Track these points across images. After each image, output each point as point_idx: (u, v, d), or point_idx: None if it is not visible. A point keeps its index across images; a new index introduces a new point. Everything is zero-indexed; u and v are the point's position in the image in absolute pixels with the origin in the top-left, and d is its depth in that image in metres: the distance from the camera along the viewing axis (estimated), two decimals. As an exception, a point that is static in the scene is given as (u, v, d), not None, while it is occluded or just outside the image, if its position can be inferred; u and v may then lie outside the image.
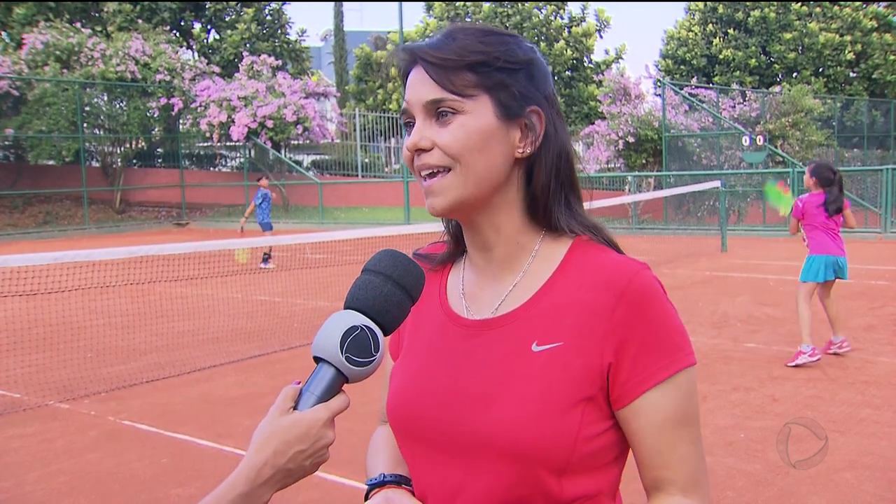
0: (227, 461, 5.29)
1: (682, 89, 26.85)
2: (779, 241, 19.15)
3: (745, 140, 22.55)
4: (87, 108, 29.57)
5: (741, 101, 27.14)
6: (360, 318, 1.14)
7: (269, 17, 36.16)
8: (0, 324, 8.99)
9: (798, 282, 7.75)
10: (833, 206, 7.54)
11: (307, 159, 35.07)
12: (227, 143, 31.49)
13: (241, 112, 28.88)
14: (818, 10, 33.39)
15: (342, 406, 1.15)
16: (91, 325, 9.67)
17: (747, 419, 5.82)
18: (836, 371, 7.07)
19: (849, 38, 32.80)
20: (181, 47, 34.09)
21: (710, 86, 29.53)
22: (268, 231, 15.95)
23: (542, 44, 35.14)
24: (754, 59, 33.34)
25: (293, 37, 37.19)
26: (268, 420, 1.14)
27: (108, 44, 29.77)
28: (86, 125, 29.65)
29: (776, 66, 33.85)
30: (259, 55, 32.01)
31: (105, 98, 30.60)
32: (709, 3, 34.29)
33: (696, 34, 34.35)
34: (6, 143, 30.65)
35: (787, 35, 32.88)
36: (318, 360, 1.16)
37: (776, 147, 23.79)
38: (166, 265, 12.53)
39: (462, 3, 36.13)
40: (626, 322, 1.18)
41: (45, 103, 28.22)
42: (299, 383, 1.18)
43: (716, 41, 33.90)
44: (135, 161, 33.40)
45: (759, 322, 9.31)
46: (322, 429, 1.12)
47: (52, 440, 5.85)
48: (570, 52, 34.65)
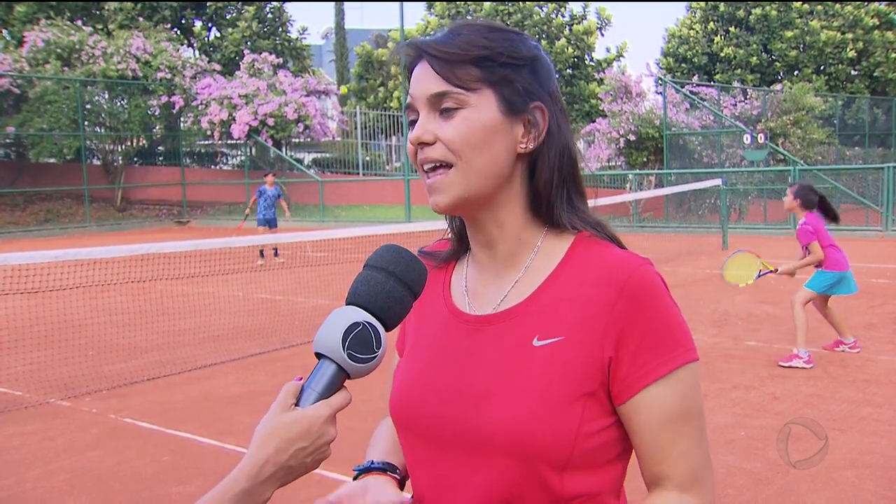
0: (229, 459, 5.29)
1: (683, 87, 26.86)
2: (780, 240, 19.10)
3: (747, 138, 22.53)
4: (89, 106, 29.58)
5: (742, 99, 27.15)
6: (362, 315, 1.14)
7: (270, 15, 36.14)
8: (1, 321, 9.00)
9: (803, 287, 7.62)
10: (834, 216, 7.48)
11: (308, 157, 35.08)
12: (228, 141, 31.53)
13: (242, 110, 28.90)
14: (819, 7, 33.42)
15: (344, 402, 1.15)
16: (92, 322, 9.67)
17: (748, 417, 5.82)
18: (836, 369, 7.07)
19: (850, 35, 32.80)
20: (182, 45, 34.07)
21: (712, 84, 29.54)
22: (272, 228, 16.44)
23: (543, 42, 35.10)
24: (755, 57, 33.34)
25: (294, 35, 37.19)
26: (269, 417, 1.13)
27: (109, 42, 29.78)
28: (87, 123, 29.65)
29: (777, 63, 33.85)
30: (260, 53, 32.03)
31: (106, 96, 30.62)
32: (710, 1, 34.28)
33: (697, 32, 34.36)
34: (7, 140, 30.67)
35: (789, 33, 32.89)
36: (319, 356, 1.15)
37: (777, 145, 23.80)
38: (167, 263, 12.55)
39: (463, 1, 36.10)
40: (626, 317, 1.18)
41: (47, 101, 28.25)
42: (301, 379, 1.17)
43: (717, 39, 33.90)
44: (136, 159, 33.42)
45: (760, 320, 9.31)
46: (324, 425, 1.12)
47: (53, 438, 5.85)
48: (571, 49, 34.64)
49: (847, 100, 32.34)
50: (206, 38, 36.33)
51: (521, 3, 34.93)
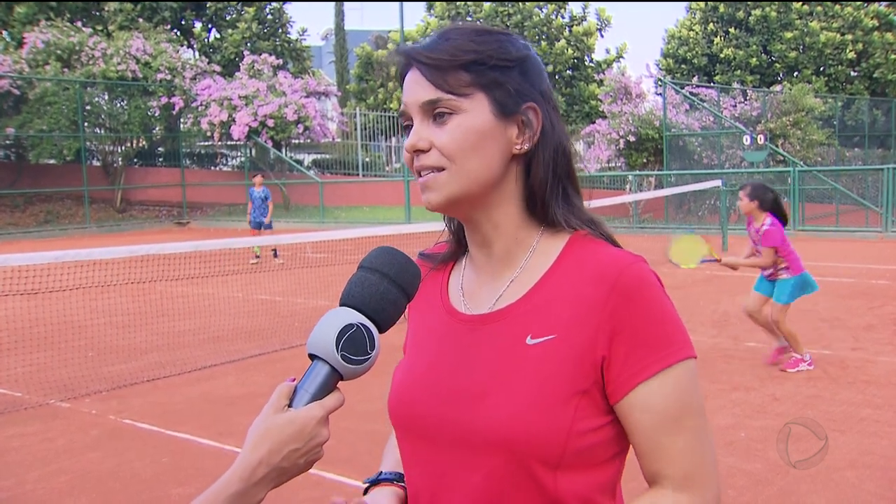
0: (228, 460, 5.26)
1: (682, 88, 26.88)
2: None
3: (746, 139, 22.56)
4: (88, 107, 29.57)
5: (742, 100, 27.18)
6: (356, 316, 1.14)
7: (269, 17, 36.15)
8: (1, 323, 9.00)
9: (775, 304, 7.25)
10: (786, 218, 7.21)
11: (308, 158, 35.08)
12: (228, 143, 31.50)
13: (241, 111, 28.89)
14: (819, 8, 33.48)
15: (337, 404, 1.15)
16: (92, 324, 9.68)
17: (748, 418, 5.82)
18: (836, 370, 7.07)
19: (850, 37, 32.86)
20: (182, 46, 34.08)
21: (711, 85, 29.58)
22: (261, 230, 16.57)
23: (542, 43, 35.15)
24: (755, 58, 33.39)
25: (294, 36, 37.18)
26: (262, 418, 1.13)
27: (108, 43, 29.78)
28: (87, 124, 29.63)
29: (777, 65, 33.91)
30: (260, 54, 32.00)
31: (106, 97, 30.60)
32: (710, 2, 34.36)
33: (697, 33, 34.40)
34: (7, 142, 30.67)
35: (789, 34, 32.93)
36: (312, 357, 1.16)
37: (777, 146, 23.82)
38: (167, 264, 12.53)
39: (463, 2, 36.14)
40: (619, 314, 1.17)
41: (46, 102, 28.23)
42: (294, 380, 1.18)
43: (717, 40, 33.94)
44: (136, 160, 33.41)
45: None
46: (317, 427, 1.12)
47: (52, 439, 5.87)
48: (570, 51, 34.68)
49: (847, 101, 32.39)
50: (205, 40, 36.33)
51: (520, 3, 34.96)
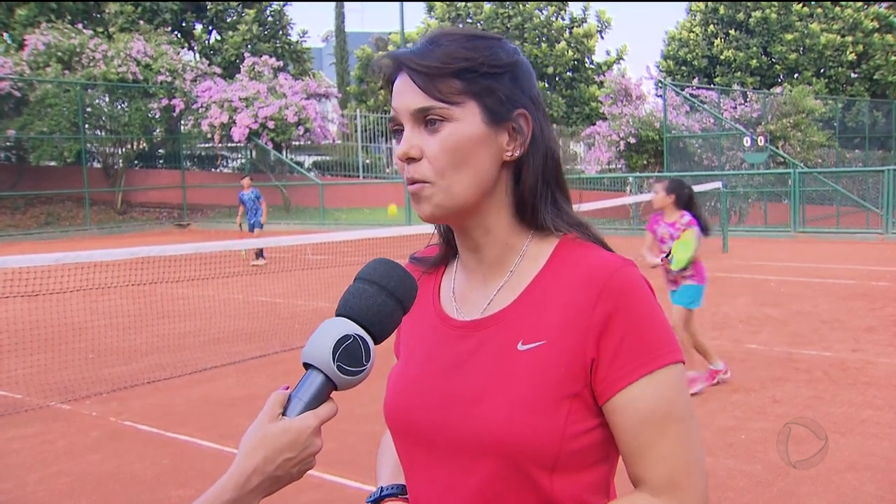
0: (229, 462, 5.14)
1: (683, 90, 26.92)
2: (780, 242, 19.18)
3: (747, 141, 22.60)
4: (89, 109, 29.61)
5: (742, 101, 27.25)
6: (352, 327, 1.15)
7: (270, 19, 36.21)
8: (2, 325, 9.00)
9: (678, 308, 6.95)
10: (707, 228, 6.92)
11: (308, 160, 35.11)
12: (229, 144, 31.53)
13: (242, 113, 28.92)
14: (819, 10, 33.53)
15: (330, 414, 1.15)
16: (92, 326, 9.69)
17: (748, 420, 5.83)
18: (837, 372, 7.08)
19: (850, 38, 32.91)
20: (182, 48, 34.13)
21: (712, 87, 29.63)
22: (252, 231, 16.83)
23: (543, 44, 35.19)
24: (755, 60, 33.43)
25: (294, 38, 37.25)
26: (257, 426, 1.13)
27: (109, 45, 29.83)
28: (87, 126, 29.68)
29: (777, 66, 33.95)
30: (260, 56, 32.05)
31: (106, 99, 30.65)
32: (710, 3, 34.37)
33: (697, 35, 34.44)
34: (8, 144, 30.72)
35: (789, 36, 32.98)
36: (307, 366, 1.16)
37: (777, 148, 23.88)
38: (167, 266, 12.48)
39: (463, 3, 36.16)
40: (607, 318, 1.18)
41: (47, 104, 28.27)
42: (287, 388, 1.18)
43: (717, 42, 33.98)
44: (136, 162, 33.48)
45: (760, 323, 9.31)
46: (311, 437, 1.13)
47: (53, 441, 5.88)
48: (571, 52, 34.72)
49: (847, 102, 32.44)
50: (206, 42, 36.39)
51: (521, 5, 34.99)
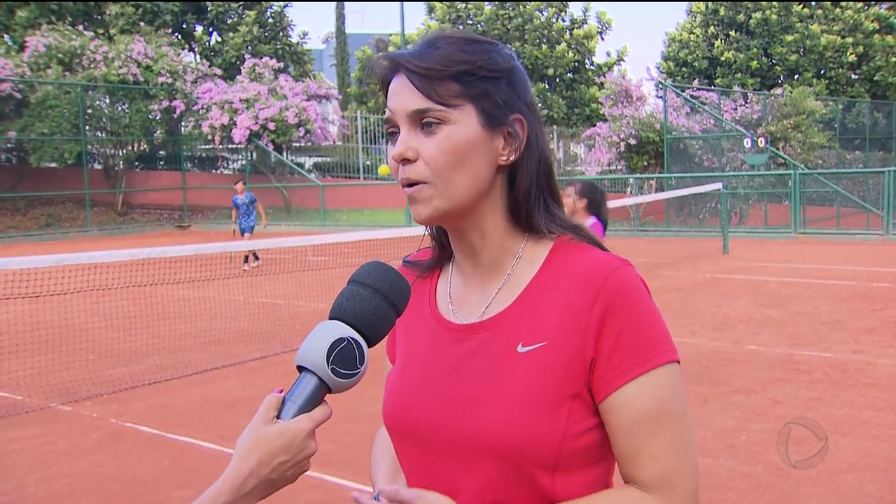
0: (228, 463, 5.29)
1: (683, 91, 26.95)
2: (780, 243, 19.20)
3: (747, 142, 22.63)
4: (90, 111, 29.67)
5: (743, 103, 27.31)
6: (346, 330, 1.15)
7: (270, 20, 36.25)
8: (2, 326, 9.02)
9: None
10: (606, 224, 6.38)
11: (309, 161, 35.17)
12: (229, 146, 31.59)
13: (242, 114, 28.97)
14: (820, 11, 33.58)
15: (324, 417, 1.15)
16: (93, 327, 9.70)
17: (748, 421, 5.84)
18: (837, 374, 7.08)
19: (850, 40, 32.94)
20: (183, 50, 34.19)
21: (712, 88, 29.67)
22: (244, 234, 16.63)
23: (543, 46, 35.21)
24: (756, 61, 33.48)
25: (295, 39, 37.28)
26: (251, 429, 1.14)
27: (110, 46, 29.90)
28: (88, 128, 29.74)
29: (778, 67, 34.00)
30: (261, 57, 32.10)
31: (107, 100, 30.74)
32: (710, 5, 34.42)
33: (697, 36, 34.47)
34: (9, 145, 30.82)
35: (789, 37, 33.02)
36: (301, 369, 1.16)
37: (778, 149, 23.91)
38: (168, 267, 12.47)
39: (464, 5, 36.19)
40: (605, 317, 1.19)
41: (48, 106, 28.35)
42: (281, 391, 1.18)
43: (717, 43, 34.01)
44: (137, 163, 33.54)
45: (761, 324, 9.33)
46: (306, 440, 1.13)
47: (53, 442, 5.89)
48: (571, 54, 34.77)
49: (847, 104, 32.46)
50: (207, 43, 36.44)
51: (521, 6, 35.03)
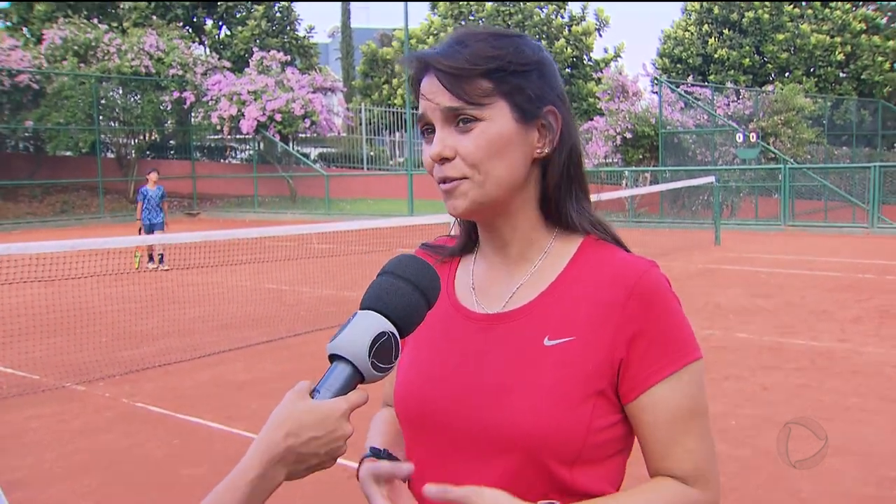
0: (236, 443, 5.42)
1: (678, 87, 27.16)
2: (770, 235, 19.29)
3: (739, 137, 22.76)
4: (103, 102, 29.89)
5: (735, 99, 27.56)
6: (387, 325, 1.12)
7: (278, 14, 36.33)
8: (20, 308, 9.11)
9: None
10: None
11: (314, 152, 35.19)
12: (237, 136, 31.66)
13: (250, 106, 29.11)
14: (810, 11, 33.64)
15: (361, 401, 1.12)
16: (106, 310, 9.75)
17: (738, 407, 5.92)
18: (824, 361, 7.19)
19: (839, 39, 33.03)
20: (193, 43, 34.34)
21: (706, 84, 29.72)
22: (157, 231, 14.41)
23: (542, 42, 35.02)
24: (748, 59, 33.58)
25: (302, 33, 37.36)
26: (283, 404, 1.10)
27: (123, 39, 30.12)
28: (101, 118, 30.00)
29: (769, 65, 34.09)
30: (268, 51, 32.23)
31: (120, 91, 30.99)
32: (704, 3, 34.46)
33: (692, 34, 34.55)
34: (26, 134, 31.17)
35: (780, 36, 33.12)
36: (333, 357, 1.13)
37: (769, 144, 24.08)
38: (178, 253, 12.68)
39: (465, 1, 36.17)
40: (637, 318, 1.19)
41: (63, 96, 28.66)
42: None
43: (711, 41, 34.10)
44: (148, 152, 33.72)
45: (751, 313, 9.41)
46: (340, 420, 1.09)
47: (68, 420, 6.00)
48: (570, 50, 34.77)
49: (835, 101, 32.54)
50: (216, 36, 36.55)
51: (521, 3, 35.00)
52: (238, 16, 35.90)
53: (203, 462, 5.10)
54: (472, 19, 35.65)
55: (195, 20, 35.93)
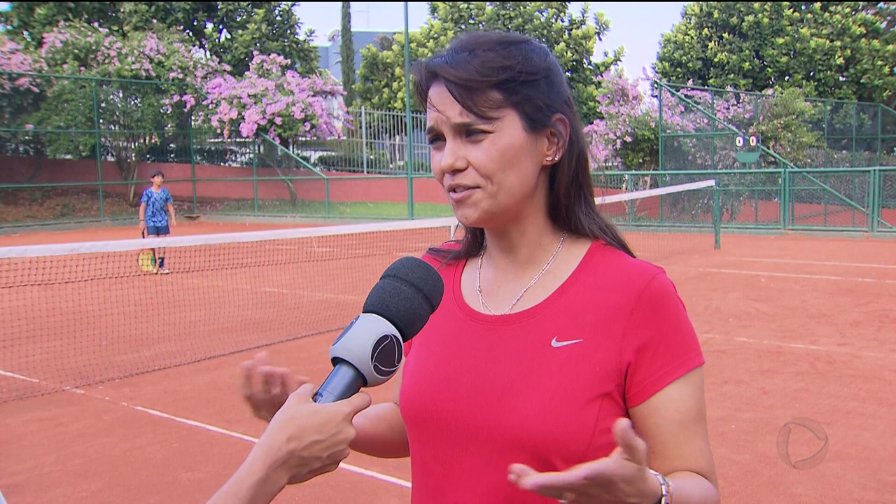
0: (236, 447, 5.42)
1: (678, 91, 27.23)
2: (769, 239, 19.30)
3: (739, 141, 22.78)
4: (104, 105, 29.94)
5: (735, 103, 27.66)
6: (390, 328, 1.12)
7: (278, 18, 36.33)
8: (19, 311, 9.10)
9: None
10: None
11: (314, 155, 35.27)
12: (238, 139, 31.71)
13: (250, 109, 29.13)
14: (809, 16, 33.66)
15: (364, 404, 1.12)
16: (105, 313, 9.75)
17: (738, 411, 5.92)
18: (823, 365, 7.18)
19: (839, 43, 33.07)
20: (194, 46, 34.33)
21: (706, 88, 29.78)
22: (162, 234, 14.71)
23: (543, 45, 35.14)
24: (748, 63, 33.63)
25: (302, 37, 37.33)
26: (285, 408, 1.10)
27: (123, 43, 30.17)
28: (102, 121, 30.06)
29: (769, 69, 34.12)
30: (269, 54, 32.25)
31: (120, 95, 31.02)
32: (704, 7, 34.52)
33: (692, 38, 34.59)
34: (26, 137, 31.18)
35: (780, 40, 33.16)
36: (336, 361, 1.13)
37: (768, 148, 24.10)
38: (177, 257, 12.67)
39: (465, 5, 36.20)
40: (645, 323, 1.20)
41: (64, 100, 28.77)
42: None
43: (711, 45, 34.14)
44: (148, 156, 33.72)
45: (751, 317, 9.40)
46: (342, 422, 1.09)
47: (67, 424, 5.99)
48: (570, 53, 34.78)
49: (835, 105, 32.56)
50: (216, 40, 36.55)
51: (522, 7, 35.02)
52: (238, 19, 35.91)
53: (202, 466, 5.09)
54: (471, 23, 35.64)
55: (195, 23, 35.94)
